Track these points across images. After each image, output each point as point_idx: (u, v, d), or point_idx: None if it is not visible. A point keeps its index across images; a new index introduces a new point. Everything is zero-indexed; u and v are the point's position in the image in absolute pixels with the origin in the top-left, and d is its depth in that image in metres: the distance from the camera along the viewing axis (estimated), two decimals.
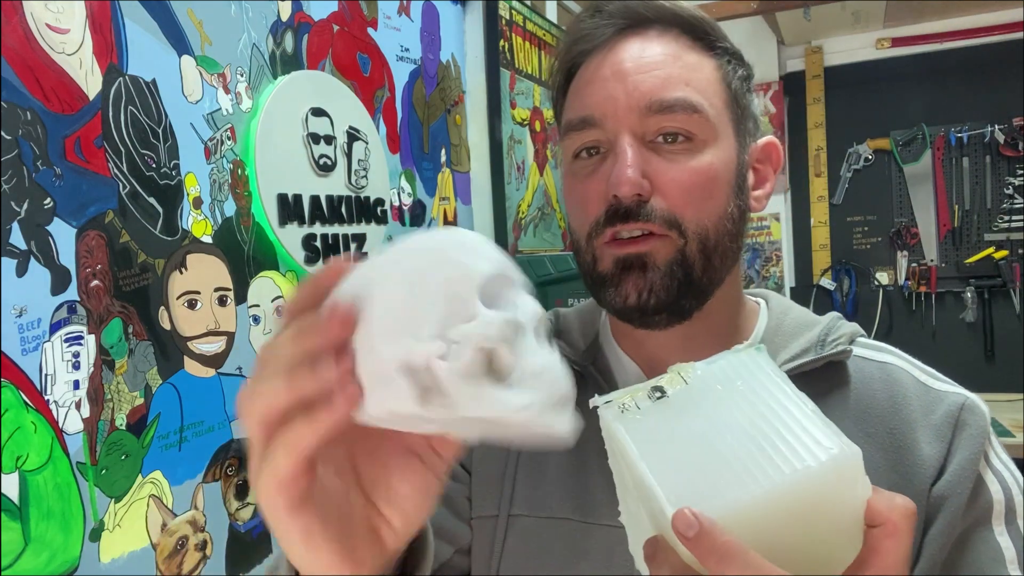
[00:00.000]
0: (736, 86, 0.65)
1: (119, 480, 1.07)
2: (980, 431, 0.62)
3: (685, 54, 0.63)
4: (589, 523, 0.66)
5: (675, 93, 0.60)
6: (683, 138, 0.60)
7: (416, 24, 1.89)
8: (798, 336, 0.66)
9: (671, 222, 0.60)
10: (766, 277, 2.99)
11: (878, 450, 0.61)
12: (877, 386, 0.64)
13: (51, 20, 1.01)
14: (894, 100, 2.88)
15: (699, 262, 0.61)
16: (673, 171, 0.60)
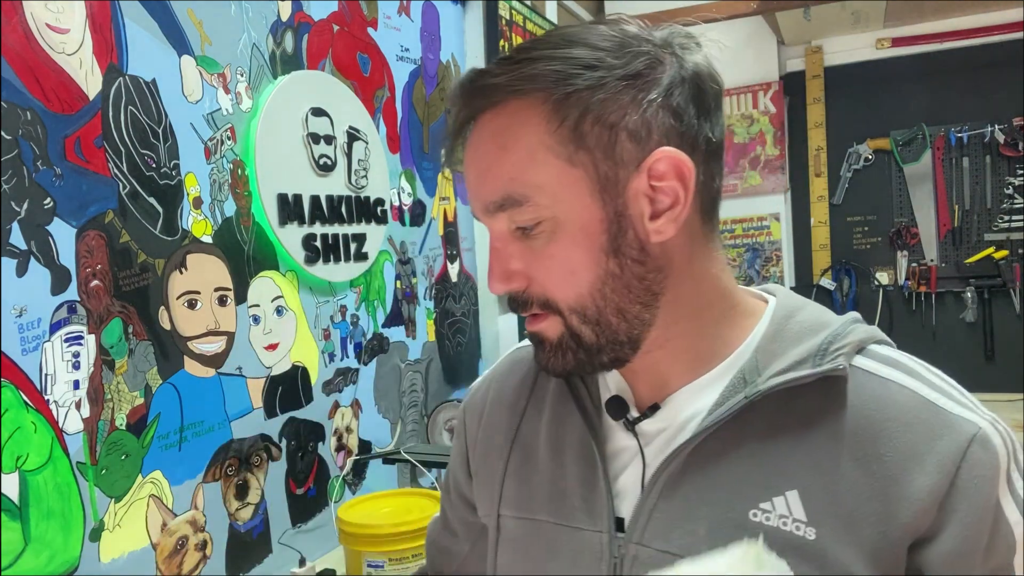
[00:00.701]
0: (584, 125, 0.57)
1: (119, 480, 1.07)
2: (991, 471, 0.56)
3: (510, 135, 0.58)
4: (562, 525, 0.67)
5: (496, 194, 0.59)
6: (533, 225, 0.59)
7: (416, 24, 1.89)
8: (798, 343, 0.62)
9: (546, 305, 0.61)
10: (766, 277, 2.99)
11: (865, 476, 0.57)
12: (874, 407, 0.59)
13: (51, 20, 1.01)
14: (894, 100, 2.88)
15: (587, 330, 0.61)
16: (536, 259, 0.60)
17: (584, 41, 0.59)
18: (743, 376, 0.61)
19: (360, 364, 1.63)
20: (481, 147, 0.60)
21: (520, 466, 0.72)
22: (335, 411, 1.55)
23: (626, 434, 0.66)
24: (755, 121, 3.02)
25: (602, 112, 0.57)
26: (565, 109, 0.57)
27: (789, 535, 0.57)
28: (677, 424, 0.63)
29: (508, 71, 0.58)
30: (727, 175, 3.05)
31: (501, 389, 0.78)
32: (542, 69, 0.58)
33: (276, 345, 1.39)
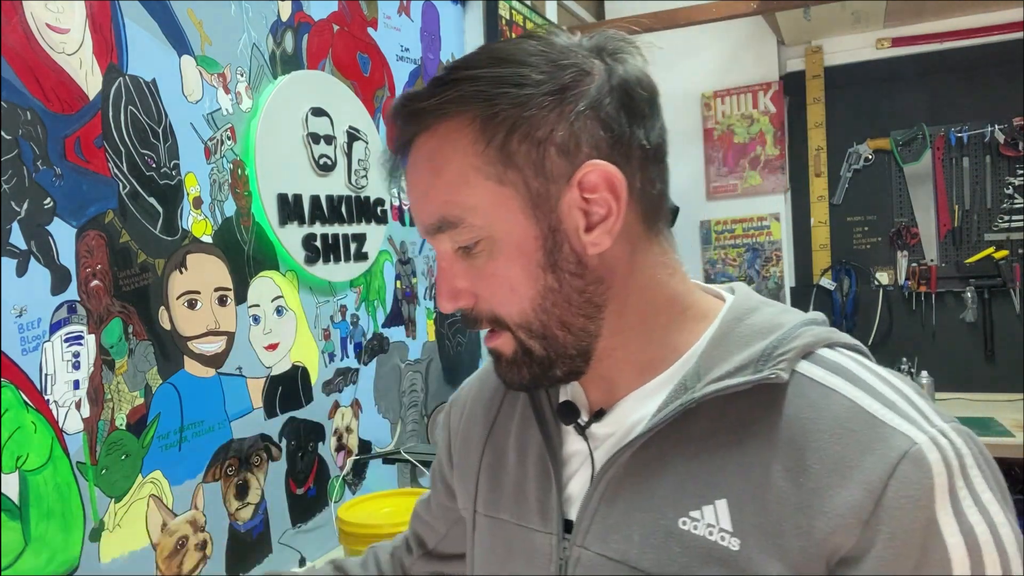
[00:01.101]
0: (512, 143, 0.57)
1: (119, 480, 1.07)
2: (922, 490, 0.52)
3: (439, 157, 0.59)
4: (520, 526, 0.69)
5: (433, 217, 0.60)
6: (473, 245, 0.60)
7: (416, 24, 1.89)
8: (744, 348, 0.60)
9: (495, 321, 0.62)
10: (766, 277, 2.99)
11: (792, 487, 0.55)
12: (810, 416, 0.57)
13: (51, 20, 1.01)
14: (894, 100, 2.88)
15: (536, 345, 0.62)
16: (478, 277, 0.61)
17: (510, 58, 0.59)
18: (684, 383, 0.61)
19: (360, 364, 1.63)
20: (416, 171, 0.62)
21: (492, 466, 0.74)
22: (335, 411, 1.55)
23: (578, 439, 0.67)
24: (755, 121, 3.02)
25: (529, 129, 0.57)
26: (492, 129, 0.58)
27: (714, 545, 0.56)
28: (624, 429, 0.64)
29: (436, 94, 0.58)
30: (727, 175, 3.06)
31: (482, 389, 0.80)
32: (468, 90, 0.58)
33: (276, 345, 1.39)
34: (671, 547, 0.58)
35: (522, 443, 0.72)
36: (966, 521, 0.53)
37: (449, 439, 0.83)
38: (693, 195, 3.09)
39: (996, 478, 0.56)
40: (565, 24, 2.69)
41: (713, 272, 3.08)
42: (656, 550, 0.59)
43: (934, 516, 0.52)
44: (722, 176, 3.07)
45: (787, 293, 3.01)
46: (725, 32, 2.98)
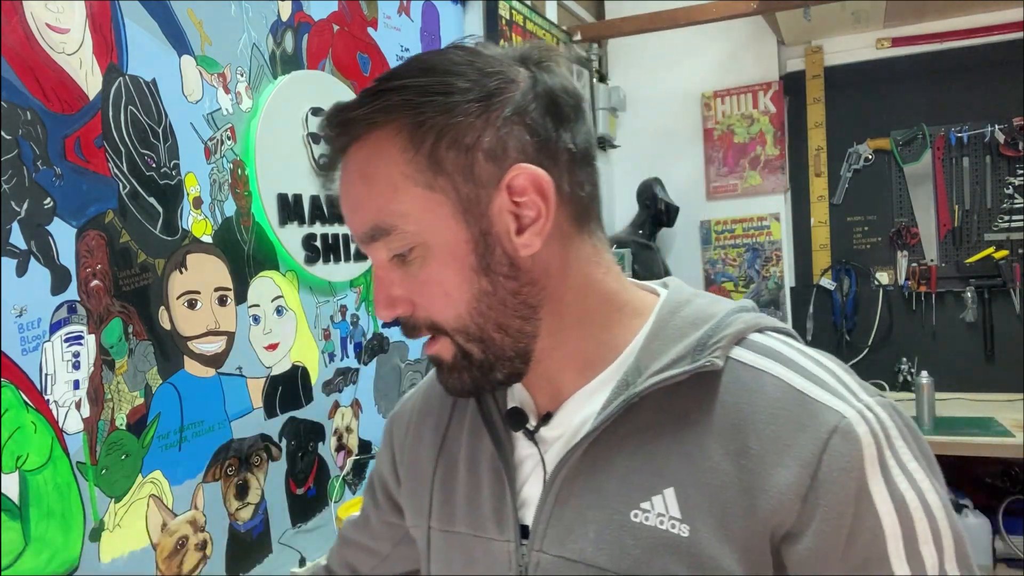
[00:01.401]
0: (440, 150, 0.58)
1: (119, 480, 1.07)
2: (851, 462, 0.55)
3: (371, 165, 0.60)
4: (479, 537, 0.69)
5: (366, 226, 0.61)
6: (407, 252, 0.61)
7: (416, 24, 1.89)
8: (679, 340, 0.62)
9: (433, 327, 0.63)
10: (766, 277, 2.99)
11: (735, 469, 0.57)
12: (745, 399, 0.59)
13: (51, 20, 1.01)
14: (894, 100, 2.88)
15: (475, 347, 0.62)
16: (414, 284, 0.62)
17: (437, 67, 0.60)
18: (626, 379, 0.62)
19: (360, 364, 1.63)
20: (348, 181, 0.62)
21: (445, 479, 0.74)
22: (335, 411, 1.55)
23: (528, 443, 0.67)
24: (755, 121, 3.02)
25: (456, 135, 0.58)
26: (420, 136, 0.58)
27: (665, 534, 0.58)
28: (572, 429, 0.65)
29: (364, 104, 0.59)
30: (727, 175, 3.06)
31: (428, 400, 0.80)
32: (395, 100, 0.59)
33: (276, 345, 1.39)
34: (625, 540, 0.60)
35: (473, 453, 0.72)
36: (896, 489, 0.56)
37: (393, 456, 0.81)
38: (693, 195, 3.09)
39: (921, 448, 0.59)
40: (565, 24, 2.69)
41: (713, 272, 3.08)
42: (611, 545, 0.60)
43: (865, 485, 0.55)
44: (722, 176, 3.07)
45: (787, 293, 3.01)
46: (725, 32, 2.98)
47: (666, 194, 2.92)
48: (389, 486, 0.83)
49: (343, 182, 0.63)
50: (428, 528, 0.74)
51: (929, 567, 0.55)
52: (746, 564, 0.56)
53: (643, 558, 0.59)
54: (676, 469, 0.59)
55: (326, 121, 0.62)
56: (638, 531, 0.60)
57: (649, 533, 0.59)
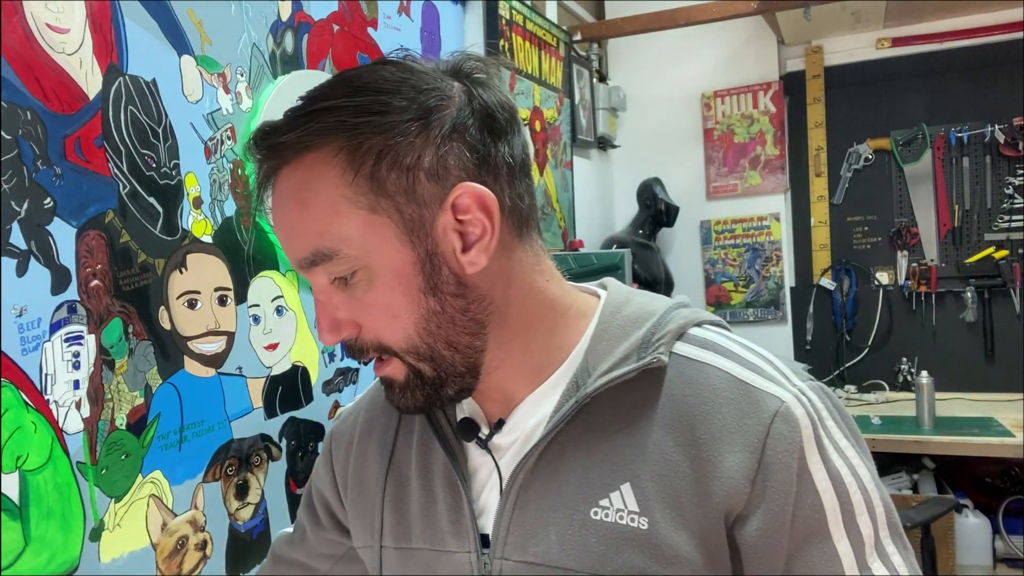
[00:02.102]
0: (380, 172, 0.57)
1: (119, 480, 1.07)
2: (792, 443, 0.58)
3: (308, 190, 0.58)
4: (438, 551, 0.68)
5: (306, 251, 0.59)
6: (350, 275, 0.59)
7: (416, 24, 1.89)
8: (623, 339, 0.64)
9: (381, 349, 0.63)
10: (766, 277, 2.99)
11: (685, 459, 0.59)
12: (690, 391, 0.61)
13: (51, 20, 1.01)
14: (894, 100, 2.88)
15: (425, 366, 0.62)
16: (359, 307, 0.61)
17: (370, 86, 0.59)
18: (576, 381, 0.63)
19: (360, 364, 1.63)
20: (283, 206, 0.60)
21: (395, 496, 0.73)
22: (335, 411, 1.55)
23: (481, 452, 0.68)
24: (755, 121, 3.02)
25: (397, 156, 0.57)
26: (359, 158, 0.57)
27: (625, 528, 0.59)
28: (525, 434, 0.65)
29: (297, 127, 0.58)
30: (727, 175, 3.06)
31: (370, 418, 0.78)
32: (329, 121, 0.57)
33: (276, 345, 1.39)
34: (587, 539, 0.61)
35: (425, 467, 0.71)
36: (832, 466, 0.59)
37: (334, 477, 0.80)
38: (693, 195, 3.09)
39: (849, 427, 0.63)
40: (565, 24, 2.69)
41: (713, 272, 3.08)
42: (574, 545, 0.61)
43: (806, 465, 0.58)
44: (722, 176, 3.07)
45: (787, 293, 3.02)
46: (725, 32, 2.99)
47: (666, 194, 2.93)
48: (331, 505, 0.81)
49: (276, 208, 0.61)
50: (380, 548, 0.73)
51: (866, 536, 0.59)
52: (703, 550, 0.58)
53: (607, 554, 0.60)
54: (630, 464, 0.61)
55: (253, 143, 0.61)
56: (599, 528, 0.60)
57: (610, 529, 0.60)
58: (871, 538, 0.59)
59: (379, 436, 0.76)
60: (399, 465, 0.73)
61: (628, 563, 0.59)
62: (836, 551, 0.58)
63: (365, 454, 0.77)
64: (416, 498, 0.71)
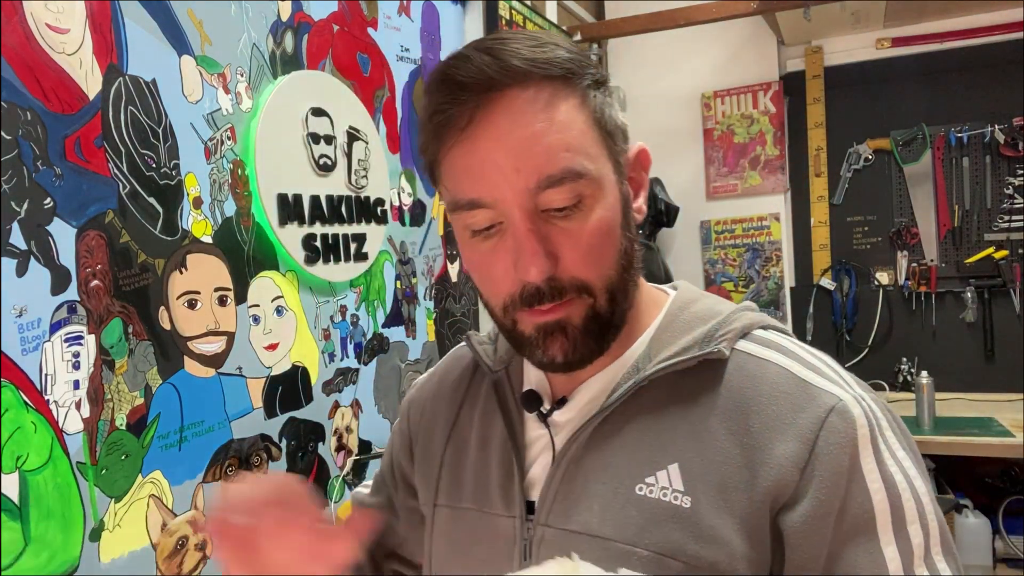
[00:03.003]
0: (604, 114, 0.62)
1: (119, 480, 1.07)
2: (846, 438, 0.59)
3: (556, 111, 0.59)
4: (485, 512, 0.71)
5: (559, 165, 0.58)
6: (575, 203, 0.60)
7: (416, 24, 1.89)
8: (688, 331, 0.67)
9: (580, 288, 0.62)
10: (766, 277, 2.99)
11: (736, 446, 0.61)
12: (749, 384, 0.63)
13: (51, 20, 1.01)
14: (894, 100, 2.88)
15: (608, 308, 0.63)
16: (572, 241, 0.60)
17: (564, 42, 0.64)
18: (636, 365, 0.67)
19: (360, 364, 1.63)
20: (522, 120, 0.59)
21: (454, 458, 0.76)
22: (335, 411, 1.55)
23: (539, 425, 0.70)
24: (755, 121, 3.02)
25: (610, 104, 0.64)
26: (591, 95, 0.62)
27: (668, 505, 0.61)
28: (581, 412, 0.68)
29: (530, 53, 0.60)
30: (727, 175, 3.06)
31: (442, 384, 0.82)
32: (563, 56, 0.61)
33: (276, 345, 1.39)
34: (629, 512, 0.62)
35: (485, 434, 0.74)
36: (886, 470, 0.59)
37: (410, 438, 0.84)
38: (693, 195, 3.09)
39: (910, 444, 0.63)
40: (566, 24, 2.69)
41: (713, 272, 3.08)
42: (615, 517, 0.63)
43: (858, 462, 0.59)
44: (722, 176, 3.07)
45: (787, 293, 3.01)
46: (725, 32, 2.98)
47: (666, 194, 2.92)
48: (405, 469, 0.84)
49: (508, 122, 0.59)
50: (434, 506, 0.76)
51: (915, 545, 0.58)
52: (744, 535, 0.59)
53: (646, 527, 0.61)
54: (681, 446, 0.62)
55: (486, 65, 0.58)
56: (642, 503, 0.62)
57: (652, 505, 0.61)
58: (921, 548, 0.59)
59: (447, 404, 0.80)
60: (461, 430, 0.77)
61: (666, 537, 0.60)
62: (882, 554, 0.58)
63: (435, 418, 0.80)
64: (472, 462, 0.74)
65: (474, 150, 0.60)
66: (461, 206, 0.62)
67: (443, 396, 0.81)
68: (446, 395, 0.81)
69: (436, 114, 0.61)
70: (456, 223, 0.64)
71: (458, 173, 0.62)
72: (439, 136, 0.61)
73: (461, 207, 0.62)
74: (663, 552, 0.60)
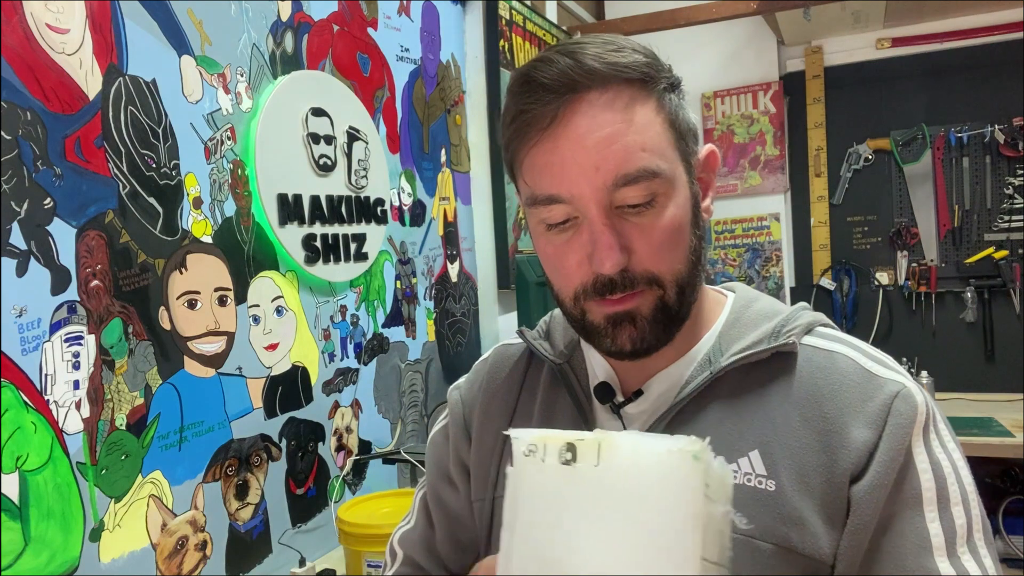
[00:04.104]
0: (678, 116, 0.66)
1: (119, 480, 1.07)
2: (908, 420, 0.63)
3: (634, 113, 0.63)
4: None
5: (636, 165, 0.62)
6: (650, 200, 0.63)
7: (416, 24, 1.89)
8: (755, 327, 0.70)
9: (651, 280, 0.65)
10: (766, 277, 2.99)
11: (811, 432, 0.64)
12: (820, 374, 0.67)
13: (51, 20, 1.01)
14: (894, 100, 2.88)
15: (676, 300, 0.66)
16: (645, 237, 0.64)
17: (640, 47, 0.66)
18: (708, 358, 0.70)
19: (360, 364, 1.63)
20: (600, 120, 0.62)
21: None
22: (335, 411, 1.55)
23: (611, 416, 0.72)
24: (755, 121, 3.02)
25: (683, 107, 0.67)
26: (667, 98, 0.65)
27: (753, 489, 0.64)
28: (655, 404, 0.70)
29: (611, 57, 0.63)
30: (727, 175, 3.06)
31: (493, 385, 0.82)
32: (641, 60, 0.64)
33: (276, 345, 1.39)
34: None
35: (548, 425, 0.75)
36: (934, 455, 0.64)
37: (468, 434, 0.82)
38: None
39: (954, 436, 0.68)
40: (565, 24, 2.69)
41: (713, 272, 3.08)
42: None
43: (911, 445, 0.63)
44: (722, 176, 3.07)
45: (787, 293, 3.01)
46: (725, 32, 2.98)
47: None
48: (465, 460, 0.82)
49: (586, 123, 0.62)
50: (493, 498, 0.76)
51: (959, 526, 0.62)
52: (824, 517, 0.62)
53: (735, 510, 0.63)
54: (759, 434, 0.65)
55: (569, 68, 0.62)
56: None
57: (739, 490, 0.63)
58: (964, 529, 0.62)
59: (502, 399, 0.80)
60: (520, 424, 0.77)
61: (755, 519, 0.63)
62: (927, 529, 0.62)
63: (488, 414, 0.80)
64: None
65: (555, 148, 0.63)
66: (540, 201, 0.65)
67: (496, 391, 0.81)
68: (500, 392, 0.81)
69: (521, 114, 0.64)
70: (532, 217, 0.68)
71: (539, 170, 0.65)
72: (522, 134, 0.65)
73: (539, 202, 0.65)
74: (753, 534, 0.62)
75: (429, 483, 0.85)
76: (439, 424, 0.87)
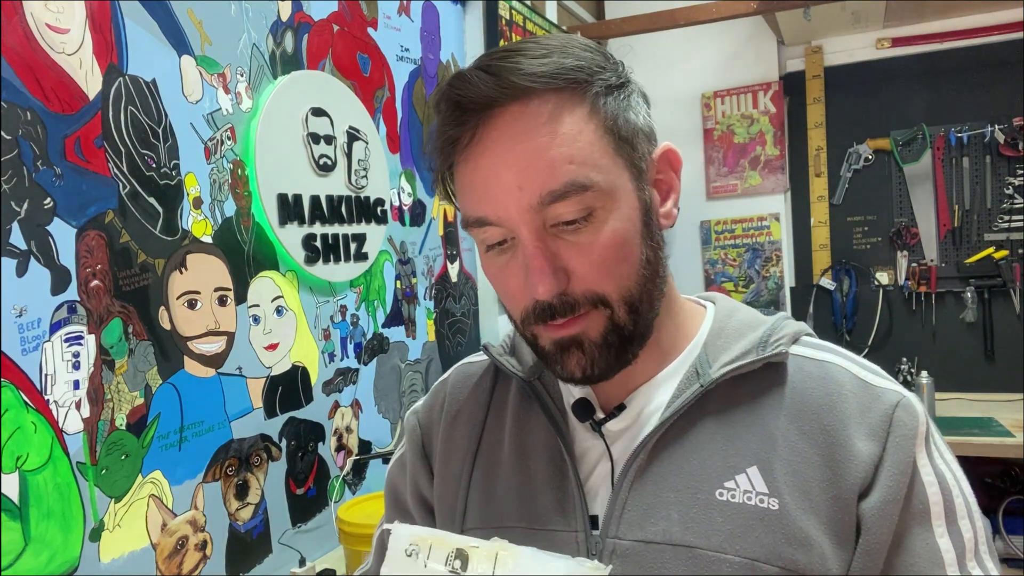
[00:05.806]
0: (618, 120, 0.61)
1: (119, 480, 1.07)
2: (911, 431, 0.61)
3: (559, 124, 0.58)
4: (534, 529, 0.66)
5: (562, 179, 0.57)
6: (586, 216, 0.58)
7: (416, 24, 1.89)
8: (740, 338, 0.67)
9: (596, 301, 0.60)
10: (766, 277, 2.99)
11: (812, 446, 0.61)
12: (814, 384, 0.64)
13: (51, 20, 1.01)
14: (894, 100, 2.88)
15: (629, 320, 0.61)
16: (583, 255, 0.59)
17: (576, 47, 0.61)
18: (695, 369, 0.66)
19: (360, 364, 1.63)
20: (525, 135, 0.58)
21: (484, 478, 0.71)
22: (335, 411, 1.55)
23: (592, 435, 0.68)
24: (755, 121, 3.02)
25: (627, 107, 0.62)
26: (602, 102, 0.60)
27: (755, 508, 0.60)
28: (639, 421, 0.66)
29: (530, 67, 0.58)
30: (727, 175, 3.06)
31: (456, 405, 0.76)
32: (569, 65, 0.59)
33: (276, 345, 1.39)
34: (713, 518, 0.61)
35: (521, 447, 0.70)
36: (938, 468, 0.62)
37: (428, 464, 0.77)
38: (693, 195, 3.09)
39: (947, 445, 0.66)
40: (565, 24, 2.69)
41: (713, 272, 3.08)
42: (699, 524, 0.61)
43: (915, 456, 0.61)
44: (722, 176, 3.07)
45: (787, 293, 3.01)
46: (725, 32, 2.98)
47: None
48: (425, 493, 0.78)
49: (509, 139, 0.58)
50: (461, 531, 0.71)
51: (967, 540, 0.60)
52: (831, 535, 0.59)
53: (735, 532, 0.60)
54: (756, 449, 0.62)
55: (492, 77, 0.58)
56: (726, 508, 0.61)
57: (738, 509, 0.60)
58: (971, 543, 0.61)
59: (466, 421, 0.75)
60: (489, 447, 0.72)
61: (758, 542, 0.59)
62: (937, 545, 0.60)
63: (452, 439, 0.75)
64: (508, 478, 0.70)
65: (477, 167, 0.59)
66: (471, 223, 0.62)
67: (459, 413, 0.75)
68: (463, 411, 0.75)
69: (441, 135, 0.61)
70: (473, 237, 0.64)
71: (465, 191, 0.62)
72: (446, 155, 0.62)
73: (471, 224, 0.62)
74: (756, 558, 0.59)
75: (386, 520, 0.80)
76: (396, 454, 0.82)
